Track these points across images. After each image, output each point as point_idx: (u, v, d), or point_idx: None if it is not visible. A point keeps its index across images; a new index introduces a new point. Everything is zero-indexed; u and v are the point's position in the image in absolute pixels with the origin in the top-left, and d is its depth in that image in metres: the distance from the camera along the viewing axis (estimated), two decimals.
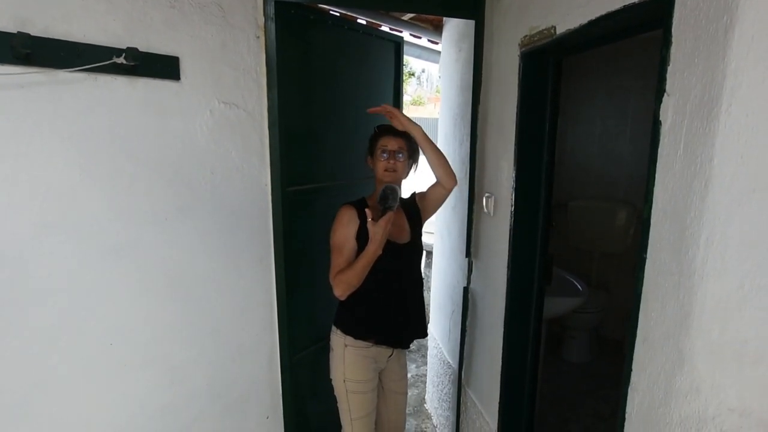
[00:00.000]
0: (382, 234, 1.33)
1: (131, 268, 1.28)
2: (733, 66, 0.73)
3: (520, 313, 1.60)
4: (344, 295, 1.38)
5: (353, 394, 1.50)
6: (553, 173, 1.52)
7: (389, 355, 1.56)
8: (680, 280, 0.83)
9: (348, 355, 1.48)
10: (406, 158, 1.49)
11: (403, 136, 1.47)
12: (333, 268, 1.39)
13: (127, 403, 1.33)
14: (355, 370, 1.49)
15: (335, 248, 1.41)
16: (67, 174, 1.14)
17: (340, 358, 1.49)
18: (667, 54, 0.86)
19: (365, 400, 1.51)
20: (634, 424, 0.98)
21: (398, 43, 2.10)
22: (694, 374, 0.82)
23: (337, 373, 1.50)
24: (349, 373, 1.48)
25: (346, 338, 1.48)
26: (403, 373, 1.65)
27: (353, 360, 1.48)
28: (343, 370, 1.49)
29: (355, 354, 1.48)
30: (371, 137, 1.53)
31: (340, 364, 1.49)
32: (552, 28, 1.26)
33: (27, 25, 1.03)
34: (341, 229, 1.41)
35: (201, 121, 1.36)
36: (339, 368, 1.50)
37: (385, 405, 1.63)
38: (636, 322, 0.95)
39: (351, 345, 1.48)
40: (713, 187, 0.76)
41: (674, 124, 0.85)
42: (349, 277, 1.35)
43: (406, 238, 1.52)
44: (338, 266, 1.38)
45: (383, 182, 1.43)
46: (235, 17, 1.40)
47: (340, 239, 1.40)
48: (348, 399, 1.50)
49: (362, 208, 1.39)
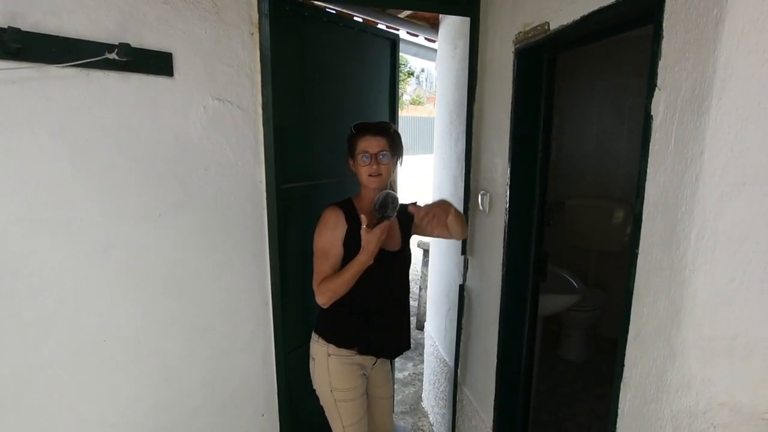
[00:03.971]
0: (376, 243, 1.24)
1: (124, 265, 1.28)
2: (723, 59, 0.72)
3: (515, 311, 1.60)
4: (328, 304, 1.32)
5: (342, 403, 1.42)
6: (548, 170, 1.52)
7: (374, 363, 1.50)
8: (671, 274, 0.83)
9: (332, 364, 1.40)
10: (389, 157, 1.36)
11: (383, 133, 1.35)
12: (317, 275, 1.32)
13: (120, 399, 1.33)
14: (342, 379, 1.41)
15: (320, 253, 1.33)
16: (58, 170, 1.14)
17: (323, 367, 1.42)
18: (657, 49, 0.86)
19: (355, 406, 1.44)
20: (626, 420, 0.98)
21: (394, 40, 2.09)
22: (685, 369, 0.81)
23: (323, 383, 1.43)
24: (336, 382, 1.41)
25: (329, 347, 1.40)
26: (387, 378, 1.59)
27: (339, 370, 1.41)
28: (329, 380, 1.41)
29: (340, 363, 1.41)
30: (348, 137, 1.39)
31: (324, 374, 1.42)
32: (545, 24, 1.25)
33: (17, 20, 1.03)
34: (327, 233, 1.32)
35: (195, 118, 1.36)
36: (324, 378, 1.42)
37: (370, 410, 1.57)
38: (628, 318, 0.95)
39: (335, 354, 1.40)
40: (704, 181, 0.76)
41: (665, 118, 0.84)
42: (336, 286, 1.28)
43: (397, 246, 1.44)
44: (323, 273, 1.31)
45: (369, 188, 1.36)
46: (229, 13, 1.39)
47: (325, 244, 1.32)
48: (337, 408, 1.43)
49: (349, 211, 1.32)
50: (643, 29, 1.11)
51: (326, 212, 1.35)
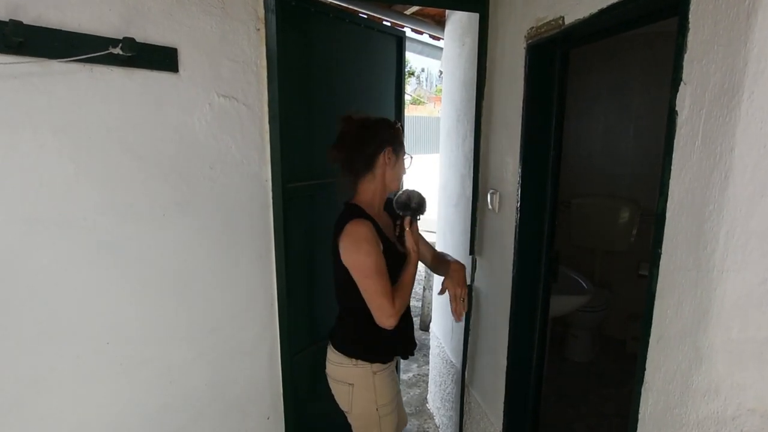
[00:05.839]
0: (415, 243, 1.26)
1: (128, 265, 1.25)
2: (756, 51, 0.69)
3: (525, 312, 1.57)
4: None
5: (386, 417, 1.37)
6: (560, 168, 1.49)
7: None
8: (698, 275, 0.80)
9: (378, 381, 1.34)
10: None
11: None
12: (387, 296, 1.20)
13: (125, 402, 1.30)
14: (386, 392, 1.36)
15: (376, 272, 1.19)
16: (60, 167, 1.11)
17: (368, 389, 1.34)
18: (683, 41, 0.83)
19: (394, 417, 1.41)
20: (647, 426, 0.95)
21: (400, 37, 2.06)
22: (712, 373, 0.79)
23: (367, 404, 1.35)
24: (380, 399, 1.35)
25: (373, 366, 1.34)
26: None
27: (384, 383, 1.35)
28: (375, 399, 1.34)
29: (385, 377, 1.36)
30: (393, 129, 1.32)
31: (370, 395, 1.34)
32: (560, 18, 1.22)
33: (19, 13, 0.99)
34: (375, 250, 1.20)
35: (200, 115, 1.33)
36: (369, 399, 1.35)
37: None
38: (650, 320, 0.92)
39: (378, 371, 1.34)
40: (734, 179, 0.73)
41: (692, 114, 0.81)
42: (406, 300, 1.25)
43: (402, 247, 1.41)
44: (387, 290, 1.21)
45: (391, 188, 1.33)
46: (234, 8, 1.36)
47: (378, 262, 1.20)
48: (380, 424, 1.37)
49: (371, 219, 1.26)
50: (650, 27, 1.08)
51: (361, 228, 1.21)
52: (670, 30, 0.85)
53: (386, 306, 1.20)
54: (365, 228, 1.21)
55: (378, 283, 1.20)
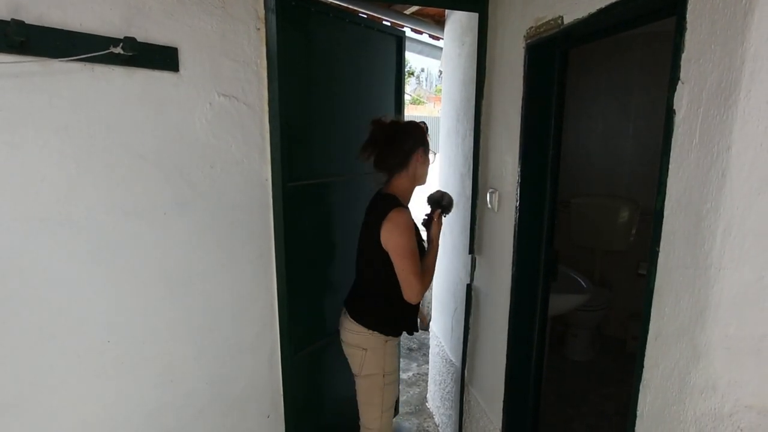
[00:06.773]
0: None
1: (129, 264, 1.25)
2: (753, 50, 0.70)
3: (525, 310, 1.58)
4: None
5: (389, 386, 1.54)
6: (559, 167, 1.50)
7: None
8: (695, 273, 0.81)
9: (389, 348, 1.52)
10: None
11: None
12: (415, 274, 1.39)
13: (125, 401, 1.30)
14: (393, 360, 1.54)
15: (410, 254, 1.39)
16: (62, 167, 1.11)
17: (379, 354, 1.50)
18: (681, 41, 0.83)
19: (395, 387, 1.59)
20: (645, 423, 0.95)
21: (400, 37, 2.07)
22: (710, 370, 0.79)
23: (376, 369, 1.51)
24: (388, 366, 1.52)
25: (387, 337, 1.51)
26: None
27: (392, 353, 1.53)
28: (383, 365, 1.51)
29: (393, 346, 1.54)
30: (423, 131, 1.50)
31: (380, 359, 1.51)
32: (559, 18, 1.23)
33: (21, 12, 1.00)
34: (412, 235, 1.41)
35: (200, 114, 1.34)
36: (378, 364, 1.51)
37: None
38: (648, 318, 0.93)
39: (389, 340, 1.52)
40: (731, 177, 0.74)
41: (689, 112, 0.82)
42: (430, 281, 1.47)
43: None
44: (418, 271, 1.40)
45: (419, 183, 1.50)
46: (235, 8, 1.37)
47: (414, 245, 1.41)
48: (383, 392, 1.53)
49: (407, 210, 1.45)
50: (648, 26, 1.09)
51: (404, 216, 1.40)
52: (668, 30, 0.86)
53: (415, 284, 1.39)
54: (408, 216, 1.41)
55: (413, 263, 1.39)
